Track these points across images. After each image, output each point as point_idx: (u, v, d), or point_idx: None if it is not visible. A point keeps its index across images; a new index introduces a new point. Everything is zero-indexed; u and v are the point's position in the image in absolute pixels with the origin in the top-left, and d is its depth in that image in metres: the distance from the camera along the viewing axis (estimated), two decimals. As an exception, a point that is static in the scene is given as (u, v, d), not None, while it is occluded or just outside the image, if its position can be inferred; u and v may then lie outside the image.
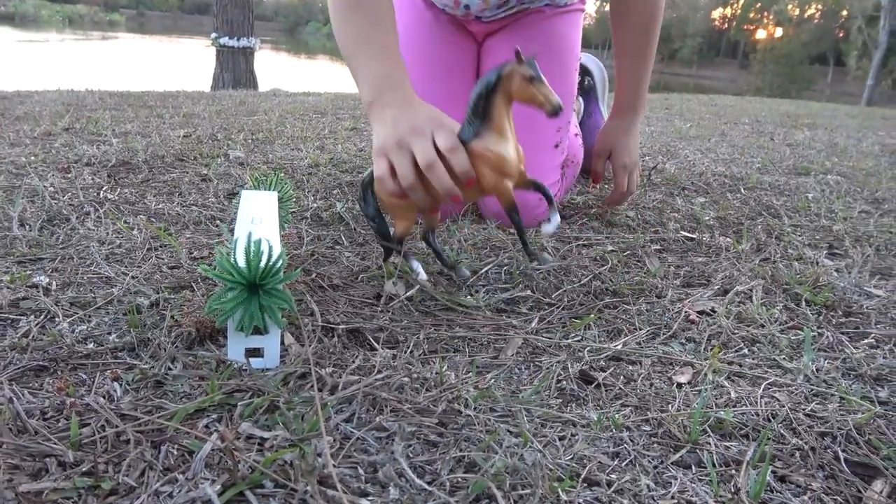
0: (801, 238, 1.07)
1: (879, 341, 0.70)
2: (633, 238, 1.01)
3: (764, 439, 0.49)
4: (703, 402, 0.54)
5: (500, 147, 0.70)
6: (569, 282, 0.82)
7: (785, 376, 0.61)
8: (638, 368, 0.62)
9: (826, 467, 0.47)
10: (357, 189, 0.73)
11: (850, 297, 0.82)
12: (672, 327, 0.71)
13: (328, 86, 6.85)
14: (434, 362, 0.59)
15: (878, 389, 0.59)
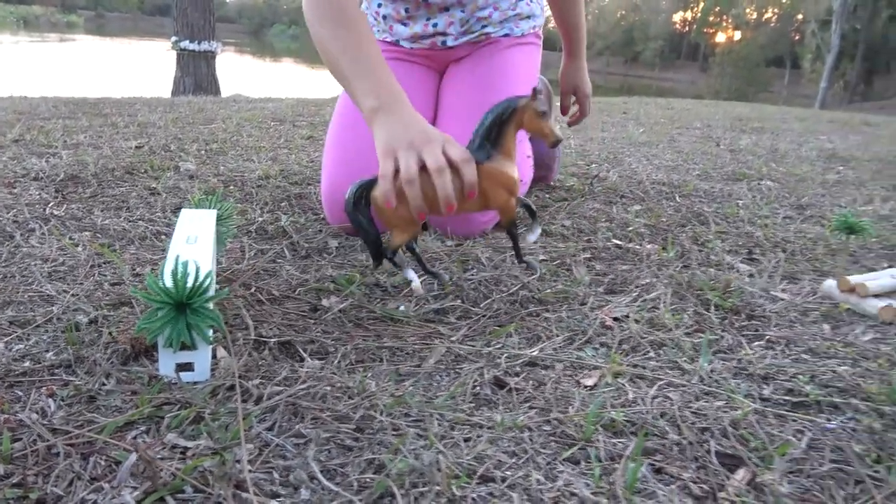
0: (723, 244, 1.14)
1: (773, 342, 0.76)
2: (565, 247, 1.06)
3: (642, 435, 0.54)
4: (599, 403, 0.59)
5: (510, 170, 0.78)
6: (498, 291, 0.87)
7: (682, 377, 0.67)
8: (550, 373, 0.67)
9: (699, 459, 0.53)
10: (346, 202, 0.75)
11: (756, 301, 0.88)
12: (588, 333, 0.76)
13: (292, 90, 6.83)
14: (359, 372, 0.64)
15: (763, 387, 0.65)
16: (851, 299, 0.89)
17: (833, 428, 0.58)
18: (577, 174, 1.71)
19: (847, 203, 1.57)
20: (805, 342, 0.77)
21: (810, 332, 0.80)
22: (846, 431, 0.58)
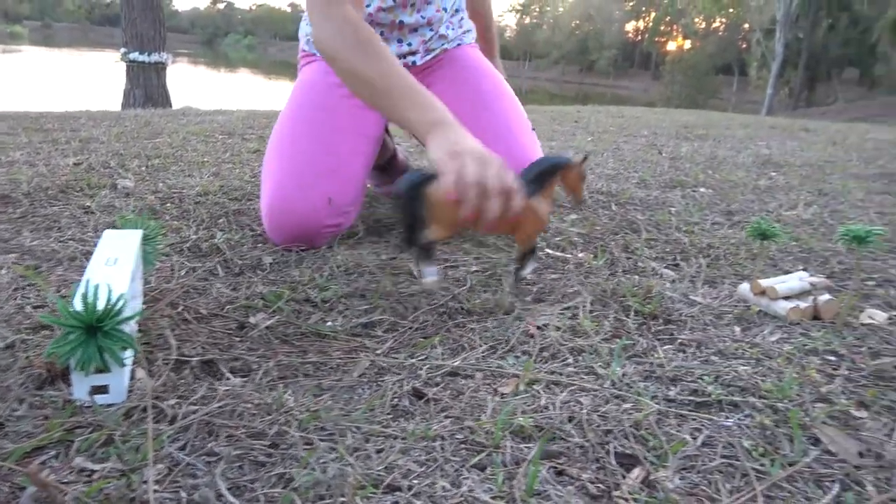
0: (651, 251, 1.18)
1: (685, 345, 0.80)
2: (498, 258, 1.09)
3: (544, 439, 0.57)
4: (509, 410, 0.61)
5: (545, 210, 0.87)
6: (428, 303, 0.89)
7: (595, 382, 0.70)
8: (469, 382, 0.69)
9: (600, 460, 0.55)
10: (401, 188, 0.81)
11: (675, 305, 0.92)
12: (510, 342, 0.79)
13: (247, 101, 6.75)
14: (279, 388, 0.65)
15: (669, 389, 0.69)
16: (763, 302, 0.93)
17: (729, 425, 0.62)
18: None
19: (774, 208, 1.64)
20: (715, 344, 0.81)
21: (721, 335, 0.84)
22: (740, 428, 0.61)
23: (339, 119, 1.14)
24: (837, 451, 0.58)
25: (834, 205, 1.75)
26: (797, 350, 0.80)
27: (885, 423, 0.64)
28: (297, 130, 1.13)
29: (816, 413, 0.64)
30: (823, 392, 0.69)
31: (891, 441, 0.61)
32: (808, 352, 0.80)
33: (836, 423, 0.63)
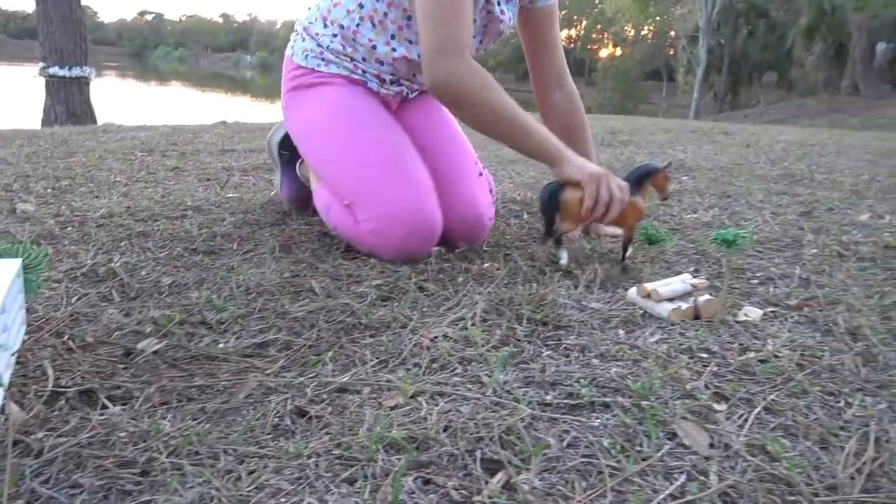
0: (554, 259, 1.23)
1: (569, 349, 0.84)
2: (402, 271, 1.11)
3: (412, 450, 0.59)
4: (386, 423, 0.63)
5: (643, 207, 1.17)
6: (326, 320, 0.91)
7: (478, 391, 0.72)
8: (355, 398, 0.71)
9: (467, 467, 0.58)
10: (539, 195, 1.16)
11: (566, 312, 0.96)
12: (402, 355, 0.81)
13: (175, 115, 6.57)
14: (158, 414, 0.65)
15: (547, 393, 0.72)
16: (648, 304, 0.99)
17: (595, 426, 0.65)
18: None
19: (677, 212, 1.73)
20: (598, 347, 0.85)
21: (606, 338, 0.88)
22: (605, 428, 0.65)
23: (399, 134, 1.26)
24: (691, 444, 0.63)
25: (734, 207, 1.84)
26: (672, 349, 0.85)
27: (741, 415, 0.69)
28: (375, 150, 1.21)
29: (678, 409, 0.69)
30: (688, 389, 0.74)
31: (742, 431, 0.66)
32: (682, 350, 0.85)
33: (696, 417, 0.68)
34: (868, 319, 0.97)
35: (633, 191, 1.13)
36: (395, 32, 1.24)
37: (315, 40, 1.30)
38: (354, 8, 1.24)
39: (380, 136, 1.23)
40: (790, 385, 0.76)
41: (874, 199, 2.07)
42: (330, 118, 1.26)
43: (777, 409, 0.70)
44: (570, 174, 1.13)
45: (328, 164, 1.24)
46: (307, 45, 1.31)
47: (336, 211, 1.23)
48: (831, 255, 1.34)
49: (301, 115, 1.30)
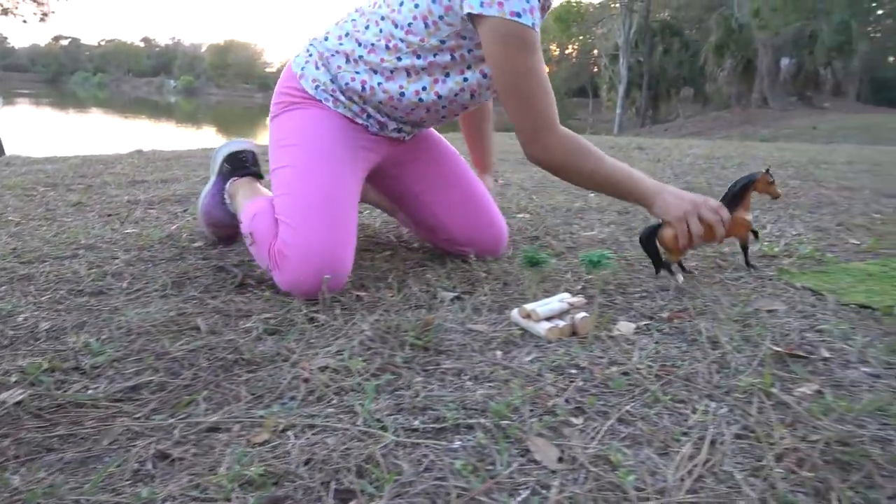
0: (449, 282, 1.26)
1: (445, 373, 0.87)
2: (294, 303, 1.12)
3: (269, 485, 0.60)
4: (246, 461, 0.64)
5: (747, 218, 1.29)
6: (207, 358, 0.91)
7: (349, 421, 0.74)
8: (224, 436, 0.71)
9: (321, 499, 0.59)
10: (639, 236, 1.29)
11: (449, 336, 1.00)
12: (280, 389, 0.82)
13: (91, 144, 6.31)
14: (9, 469, 0.64)
15: (416, 418, 0.75)
16: (528, 324, 1.03)
17: (455, 448, 0.68)
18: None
19: (576, 230, 1.80)
20: (474, 370, 0.88)
21: (484, 360, 0.92)
22: (464, 449, 0.68)
23: (355, 176, 1.29)
24: (541, 459, 0.66)
25: (632, 223, 1.94)
26: (544, 367, 0.89)
27: (595, 427, 0.74)
28: (330, 187, 1.23)
29: (535, 426, 0.73)
30: (550, 405, 0.78)
31: (591, 444, 0.70)
32: (552, 368, 0.89)
33: (551, 433, 0.72)
34: (728, 328, 1.04)
35: (733, 206, 1.26)
36: (429, 85, 1.26)
37: (330, 73, 1.29)
38: (391, 59, 1.24)
39: (344, 182, 1.26)
40: (645, 396, 0.81)
41: (760, 210, 2.21)
42: (313, 140, 1.27)
43: (629, 420, 0.75)
44: (660, 215, 1.23)
45: (286, 178, 1.25)
46: (320, 76, 1.30)
47: (262, 218, 1.25)
48: (710, 267, 1.43)
49: (289, 124, 1.31)
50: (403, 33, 1.21)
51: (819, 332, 1.05)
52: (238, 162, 1.50)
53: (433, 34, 1.20)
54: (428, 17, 1.18)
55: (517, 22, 1.12)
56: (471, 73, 1.26)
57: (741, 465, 0.67)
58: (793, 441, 0.71)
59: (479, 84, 1.28)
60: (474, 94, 1.30)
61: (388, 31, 1.22)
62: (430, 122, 1.37)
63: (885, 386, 0.86)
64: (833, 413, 0.78)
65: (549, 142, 1.22)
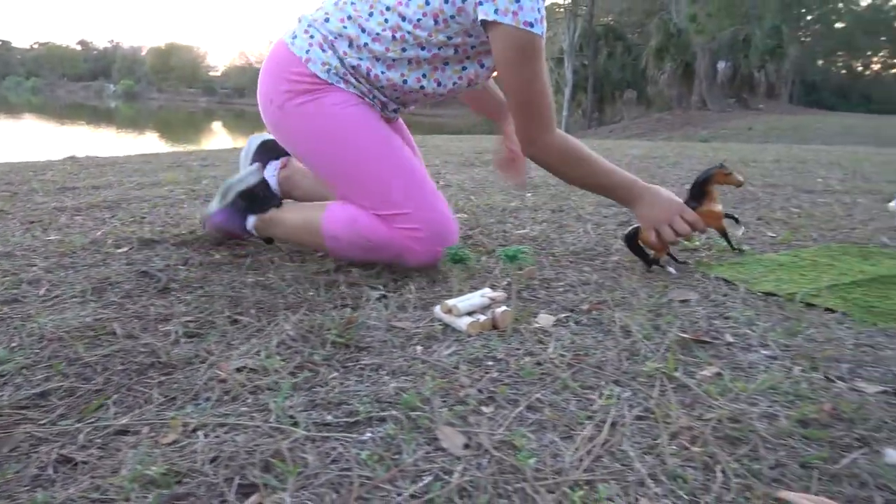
0: (377, 281, 1.27)
1: (364, 368, 0.88)
2: (216, 306, 1.11)
3: (173, 484, 0.60)
4: (149, 461, 0.64)
5: (716, 207, 1.37)
6: (122, 362, 0.89)
7: (262, 418, 0.74)
8: (131, 438, 0.71)
9: (223, 494, 0.60)
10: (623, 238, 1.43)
11: (371, 333, 1.01)
12: (194, 390, 0.82)
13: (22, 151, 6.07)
14: None
15: (330, 413, 0.76)
16: (450, 319, 1.05)
17: (365, 440, 0.70)
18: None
19: (509, 228, 1.83)
20: (392, 364, 0.90)
21: (404, 355, 0.93)
22: (374, 441, 0.69)
23: (401, 142, 1.39)
24: (448, 447, 0.68)
25: (563, 220, 1.99)
26: (462, 360, 0.91)
27: (504, 415, 0.76)
28: (407, 162, 1.33)
29: (445, 415, 0.74)
30: (462, 395, 0.80)
31: (499, 430, 0.72)
32: (470, 361, 0.91)
33: (461, 421, 0.74)
34: (641, 317, 1.08)
35: (700, 200, 1.36)
36: (429, 72, 1.31)
37: (337, 56, 1.31)
38: (395, 50, 1.27)
39: (407, 155, 1.35)
40: (556, 383, 0.84)
41: (687, 206, 2.30)
42: (358, 133, 1.32)
43: (537, 407, 0.78)
44: (639, 221, 1.37)
45: (364, 182, 1.31)
46: (329, 59, 1.31)
47: (365, 222, 1.30)
48: (633, 260, 1.48)
49: (321, 117, 1.32)
50: (411, 27, 1.25)
51: (726, 319, 1.10)
52: (254, 198, 1.48)
53: (441, 31, 1.24)
54: (439, 14, 1.22)
55: (530, 32, 1.18)
56: (469, 63, 1.32)
57: (638, 445, 0.70)
58: (688, 420, 0.75)
59: (477, 74, 1.34)
60: (471, 83, 1.37)
61: (396, 22, 1.25)
62: (425, 104, 1.45)
63: (780, 366, 0.91)
64: (729, 393, 0.83)
65: (547, 141, 1.31)
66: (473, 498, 0.60)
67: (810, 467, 0.67)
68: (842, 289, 1.30)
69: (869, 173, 3.58)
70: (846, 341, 1.02)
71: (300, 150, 1.39)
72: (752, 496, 0.61)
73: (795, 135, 14.03)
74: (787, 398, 0.81)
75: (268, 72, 1.37)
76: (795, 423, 0.75)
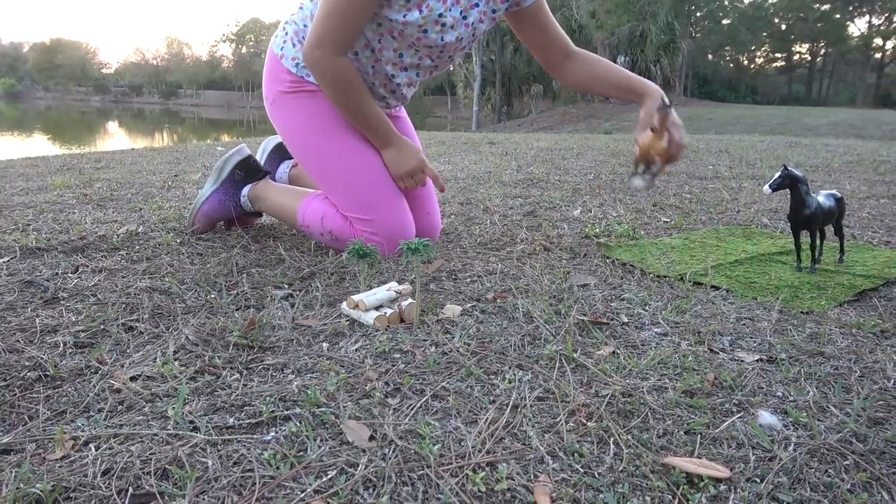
0: (284, 279, 1.25)
1: (267, 368, 0.87)
2: (109, 314, 1.06)
3: (62, 501, 0.57)
4: (27, 478, 0.61)
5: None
6: (5, 377, 0.83)
7: (160, 426, 0.72)
8: (16, 457, 0.66)
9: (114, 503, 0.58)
10: None
11: (277, 333, 0.99)
12: (85, 402, 0.77)
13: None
14: None
15: (231, 416, 0.74)
16: (357, 314, 1.05)
17: (268, 440, 0.69)
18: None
19: (417, 222, 1.84)
20: (297, 363, 0.89)
21: (310, 352, 0.92)
22: (277, 441, 0.69)
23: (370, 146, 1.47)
24: (353, 440, 0.68)
25: (471, 213, 2.02)
26: (369, 354, 0.91)
27: (409, 405, 0.77)
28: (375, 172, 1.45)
29: (350, 410, 0.75)
30: (368, 389, 0.80)
31: (404, 420, 0.73)
32: (377, 354, 0.92)
33: (366, 414, 0.74)
34: (543, 303, 1.12)
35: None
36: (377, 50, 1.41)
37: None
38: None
39: (377, 163, 1.45)
40: (461, 371, 0.86)
41: (589, 196, 2.40)
42: (338, 138, 1.44)
43: (442, 395, 0.80)
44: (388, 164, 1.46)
45: (335, 180, 1.44)
46: (298, 53, 1.43)
47: (332, 219, 1.46)
48: (536, 250, 1.53)
49: (298, 119, 1.46)
50: None
51: (622, 301, 1.16)
52: (250, 168, 1.64)
53: None
54: None
55: None
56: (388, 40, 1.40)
57: (538, 424, 0.73)
58: (585, 398, 0.79)
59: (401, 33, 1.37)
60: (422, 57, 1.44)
61: None
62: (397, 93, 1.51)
63: (669, 342, 0.97)
64: (623, 370, 0.87)
65: (328, 61, 1.32)
66: (378, 488, 0.60)
67: (694, 433, 0.72)
68: (726, 267, 1.39)
69: (753, 160, 3.85)
70: (729, 315, 1.10)
71: (288, 144, 1.51)
72: (642, 464, 0.65)
73: (689, 125, 14.83)
74: (675, 371, 0.87)
75: (264, 69, 1.52)
76: (682, 394, 0.80)
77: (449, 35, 1.37)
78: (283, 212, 1.57)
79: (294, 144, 1.49)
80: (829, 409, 0.77)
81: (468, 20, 1.39)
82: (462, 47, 1.44)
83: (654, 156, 1.33)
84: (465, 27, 1.39)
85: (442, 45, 1.38)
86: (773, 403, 0.79)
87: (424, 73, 1.51)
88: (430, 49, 1.40)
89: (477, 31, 1.43)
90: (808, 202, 1.29)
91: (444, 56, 1.44)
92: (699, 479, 0.62)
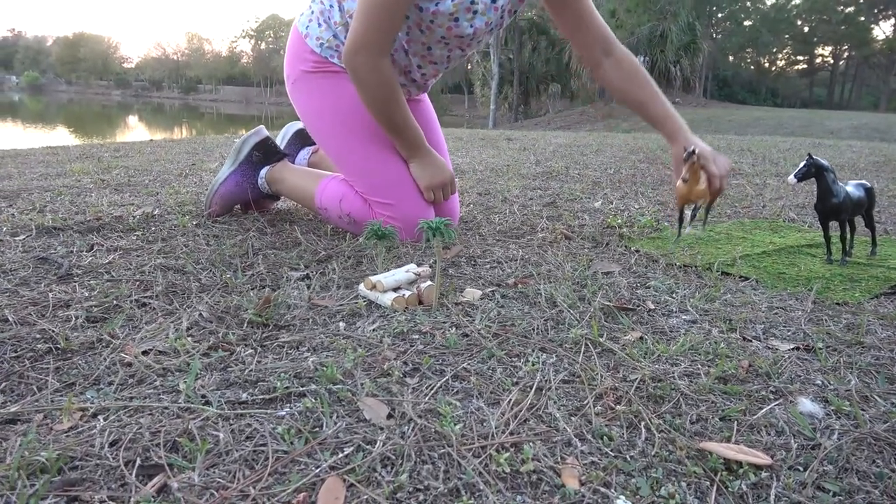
0: (300, 262, 1.23)
1: (282, 346, 0.84)
2: (122, 289, 1.04)
3: (55, 471, 0.55)
4: (37, 447, 0.58)
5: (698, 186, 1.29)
6: (14, 349, 0.81)
7: (170, 399, 0.69)
8: (21, 426, 0.64)
9: (123, 478, 0.55)
10: None
11: (293, 312, 0.96)
12: (95, 375, 0.75)
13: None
14: None
15: (245, 391, 0.71)
16: (375, 295, 1.02)
17: (282, 415, 0.66)
18: (192, 212, 1.69)
19: (436, 210, 1.81)
20: (313, 341, 0.86)
21: (326, 332, 0.89)
22: (292, 416, 0.66)
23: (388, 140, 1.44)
24: (371, 418, 0.65)
25: (490, 202, 1.99)
26: (386, 334, 0.88)
27: (429, 384, 0.74)
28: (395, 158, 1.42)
29: (368, 387, 0.72)
30: (386, 368, 0.77)
31: (424, 399, 0.70)
32: (395, 335, 0.89)
33: (385, 392, 0.71)
34: (566, 289, 1.09)
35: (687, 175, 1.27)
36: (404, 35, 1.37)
37: (332, 30, 1.40)
38: None
39: (394, 154, 1.43)
40: (482, 353, 0.83)
41: (610, 189, 2.35)
42: (360, 121, 1.40)
43: (463, 376, 0.76)
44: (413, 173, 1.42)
45: (356, 166, 1.41)
46: (323, 33, 1.41)
47: (351, 201, 1.43)
48: (557, 239, 1.49)
49: (320, 100, 1.43)
50: None
51: (647, 289, 1.12)
52: (268, 150, 1.61)
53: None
54: None
55: None
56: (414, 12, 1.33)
57: (564, 407, 0.69)
58: (613, 381, 0.75)
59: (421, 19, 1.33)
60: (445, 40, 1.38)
61: None
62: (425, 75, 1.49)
63: (699, 329, 0.93)
64: (652, 355, 0.83)
65: (371, 63, 1.28)
66: (397, 465, 0.57)
67: (730, 420, 0.68)
68: (754, 258, 1.35)
69: (776, 158, 3.77)
70: (760, 305, 1.05)
71: (308, 126, 1.49)
72: (675, 448, 0.62)
73: (710, 126, 14.69)
74: (707, 357, 0.83)
75: (287, 47, 1.49)
76: (715, 380, 0.77)
77: (479, 21, 1.34)
78: (301, 194, 1.55)
79: (314, 125, 1.46)
80: (873, 399, 0.73)
81: (497, 2, 1.35)
82: (490, 31, 1.40)
83: (695, 201, 1.30)
84: (495, 10, 1.35)
85: (472, 32, 1.35)
86: (812, 391, 0.75)
87: (453, 63, 1.48)
88: (460, 39, 1.36)
89: (505, 16, 1.40)
90: (835, 191, 1.24)
91: (472, 44, 1.41)
92: (738, 465, 0.59)
